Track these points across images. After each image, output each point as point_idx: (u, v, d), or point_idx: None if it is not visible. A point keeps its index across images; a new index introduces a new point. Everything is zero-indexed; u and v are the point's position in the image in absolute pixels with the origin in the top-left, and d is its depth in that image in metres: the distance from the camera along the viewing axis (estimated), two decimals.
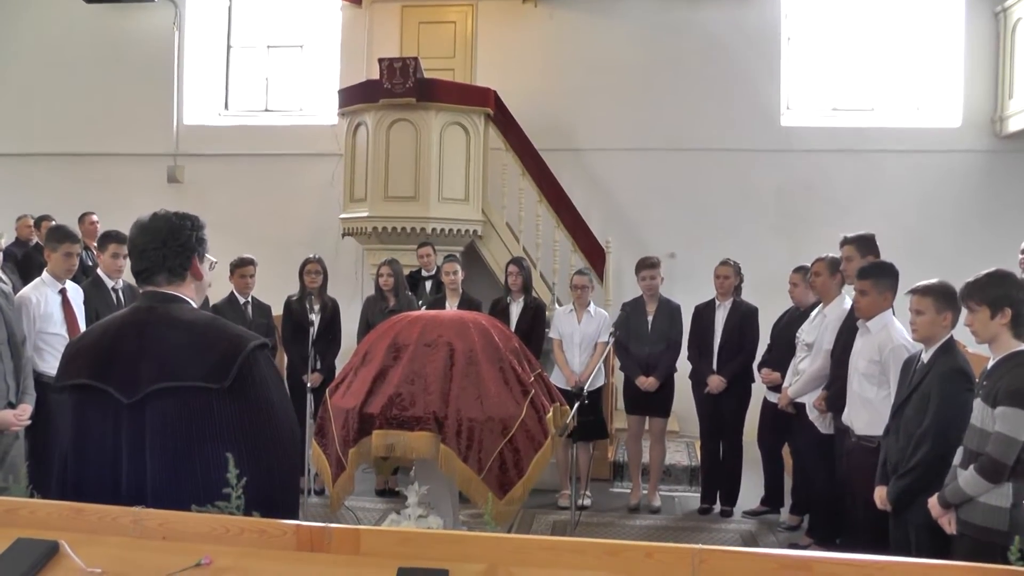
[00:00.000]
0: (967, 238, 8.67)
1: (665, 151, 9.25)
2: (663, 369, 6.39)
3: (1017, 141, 8.85)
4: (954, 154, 9.05)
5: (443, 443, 4.13)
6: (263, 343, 2.37)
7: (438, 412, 4.14)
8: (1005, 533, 3.17)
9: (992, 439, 3.22)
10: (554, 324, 6.71)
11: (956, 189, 9.03)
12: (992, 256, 7.56)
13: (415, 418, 4.14)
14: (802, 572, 1.91)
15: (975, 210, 8.94)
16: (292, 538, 2.04)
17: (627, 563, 1.98)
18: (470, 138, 8.23)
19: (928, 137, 9.09)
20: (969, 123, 9.07)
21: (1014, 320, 3.32)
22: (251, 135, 9.88)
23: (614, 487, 7.16)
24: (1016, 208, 8.70)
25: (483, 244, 8.48)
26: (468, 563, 1.99)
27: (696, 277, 8.15)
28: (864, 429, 4.40)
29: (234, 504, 2.12)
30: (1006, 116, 8.80)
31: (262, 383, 2.32)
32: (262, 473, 2.25)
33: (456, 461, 4.15)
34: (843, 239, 5.25)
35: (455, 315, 4.82)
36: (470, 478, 4.17)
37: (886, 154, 9.04)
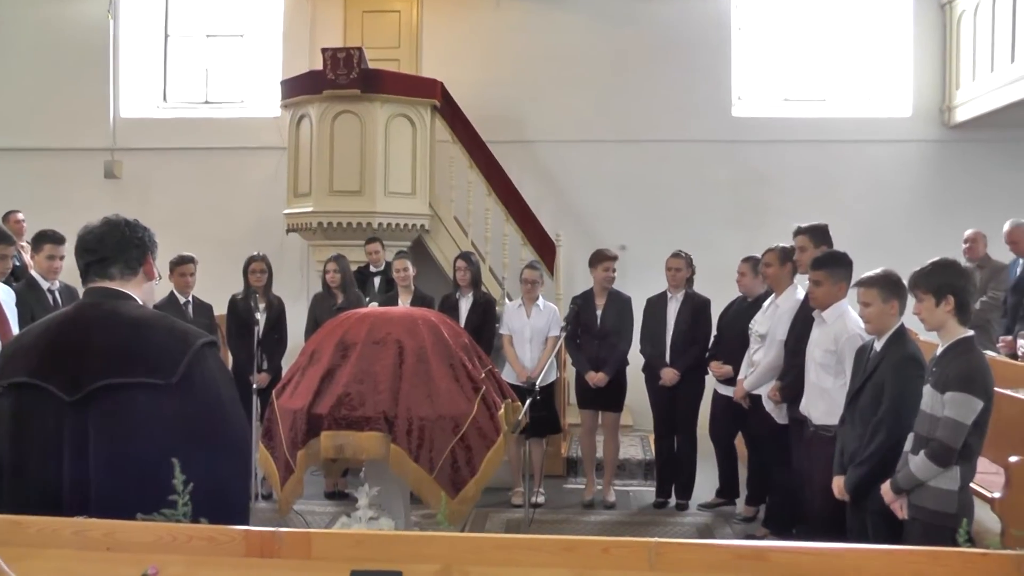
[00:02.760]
0: (918, 227, 8.88)
1: (616, 143, 9.33)
2: (613, 363, 6.44)
3: (965, 131, 9.09)
4: (904, 144, 9.28)
5: (394, 443, 4.11)
6: (212, 340, 2.36)
7: (388, 411, 4.12)
8: (954, 515, 3.32)
9: (941, 424, 3.34)
10: (504, 319, 6.72)
11: (907, 179, 9.26)
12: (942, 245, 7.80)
13: (364, 418, 4.12)
14: (758, 562, 1.96)
15: (926, 199, 9.18)
16: (241, 544, 2.03)
17: (584, 559, 2.02)
18: (416, 130, 8.21)
19: (879, 127, 9.31)
20: (919, 113, 9.31)
21: (958, 307, 3.44)
22: (191, 128, 9.73)
23: (568, 483, 7.21)
24: (964, 197, 8.94)
25: (431, 239, 8.47)
26: (422, 564, 2.01)
27: (648, 269, 8.18)
28: (822, 419, 4.50)
29: (181, 511, 2.10)
30: (954, 106, 9.06)
31: (211, 380, 2.31)
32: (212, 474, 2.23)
33: (407, 461, 4.14)
34: (796, 229, 5.35)
35: (404, 312, 4.81)
36: (422, 478, 4.16)
37: (838, 144, 9.23)
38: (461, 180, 8.51)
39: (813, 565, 1.95)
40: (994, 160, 9.02)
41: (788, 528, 5.47)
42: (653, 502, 6.64)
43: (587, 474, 6.79)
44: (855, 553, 1.97)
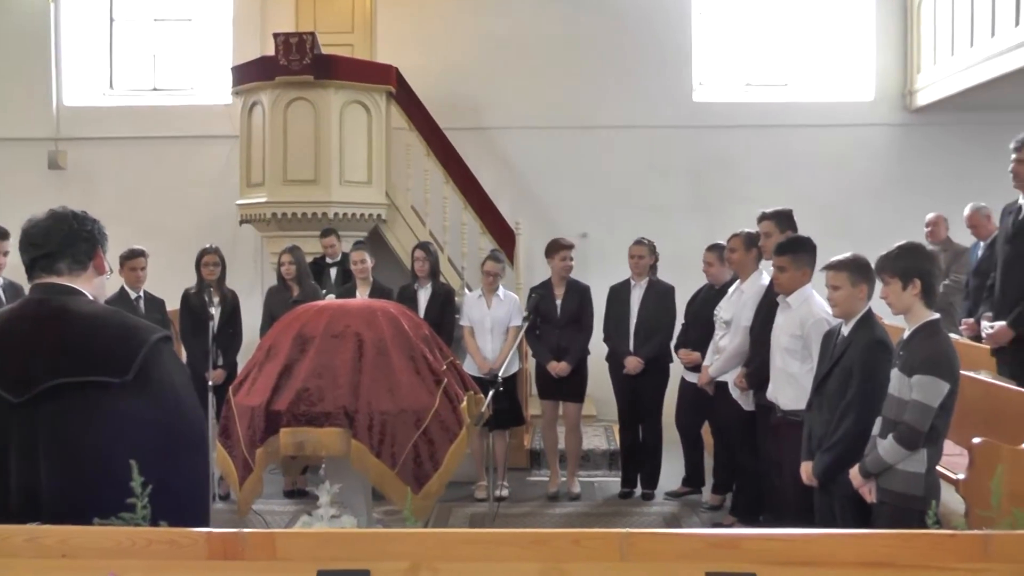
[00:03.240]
0: (881, 211, 9.03)
1: (576, 129, 9.34)
2: (575, 353, 6.47)
3: (927, 114, 9.24)
4: (867, 128, 9.42)
5: (354, 438, 4.10)
6: (166, 335, 2.32)
7: (348, 406, 4.11)
8: (921, 498, 3.41)
9: (909, 407, 3.42)
10: (464, 310, 6.72)
11: (869, 163, 9.40)
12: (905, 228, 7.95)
13: (324, 413, 4.10)
14: (731, 550, 1.98)
15: (888, 183, 9.32)
16: (204, 547, 2.01)
17: (555, 551, 2.02)
18: (372, 117, 8.15)
19: (841, 111, 9.42)
20: (881, 97, 9.44)
21: (925, 290, 3.52)
22: (139, 116, 9.54)
23: (532, 476, 7.23)
24: (926, 180, 9.10)
25: (388, 228, 8.43)
26: (390, 561, 2.00)
27: (609, 257, 8.27)
28: (790, 404, 4.57)
29: (140, 514, 2.07)
30: (915, 90, 9.22)
31: (167, 377, 2.28)
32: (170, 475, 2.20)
33: (369, 457, 4.13)
34: (761, 215, 5.42)
35: (363, 304, 4.79)
36: (384, 473, 4.15)
37: (800, 129, 9.33)
38: (418, 168, 8.48)
39: (785, 551, 1.98)
40: (955, 143, 9.18)
41: (755, 515, 5.55)
42: (618, 492, 6.69)
43: (551, 466, 6.82)
44: (827, 538, 2.00)
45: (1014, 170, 4.80)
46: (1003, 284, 4.88)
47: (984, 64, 7.66)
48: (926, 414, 3.37)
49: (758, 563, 1.95)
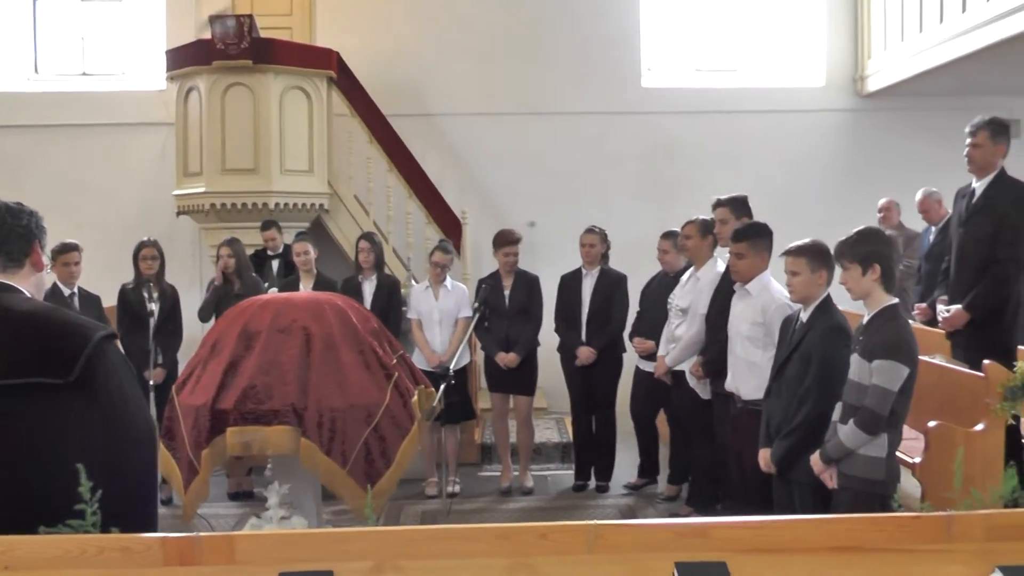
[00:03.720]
0: (833, 196, 9.21)
1: (522, 115, 9.34)
2: (524, 344, 6.50)
3: (877, 100, 9.45)
4: (818, 114, 9.58)
5: (304, 436, 4.07)
6: (111, 333, 2.28)
7: (297, 403, 4.08)
8: (882, 482, 3.52)
9: (869, 392, 3.51)
10: (411, 302, 6.71)
11: (821, 149, 9.58)
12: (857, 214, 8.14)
13: (272, 411, 4.06)
14: (700, 539, 2.02)
15: (840, 169, 9.52)
16: (159, 553, 1.98)
17: (521, 546, 2.04)
18: (312, 104, 8.08)
19: (792, 97, 9.57)
20: (832, 83, 9.62)
21: (884, 275, 3.62)
22: (66, 103, 9.29)
23: (483, 471, 7.25)
24: (878, 166, 9.30)
25: (330, 219, 8.37)
26: (353, 561, 2.00)
27: (557, 246, 8.33)
28: (752, 394, 4.62)
29: (89, 521, 2.03)
30: (866, 76, 9.41)
31: (113, 377, 2.23)
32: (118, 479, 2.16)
33: (319, 455, 4.10)
34: (716, 201, 5.48)
35: (309, 297, 4.75)
36: (334, 472, 4.13)
37: (751, 115, 9.46)
38: (361, 156, 8.40)
39: (754, 539, 2.03)
40: (906, 129, 9.39)
41: (712, 505, 5.65)
42: (572, 485, 6.74)
43: (503, 460, 6.85)
44: (796, 524, 2.06)
45: (969, 154, 4.94)
46: (957, 268, 5.03)
47: (933, 50, 7.85)
48: (886, 398, 3.46)
49: (727, 551, 1.99)
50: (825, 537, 2.03)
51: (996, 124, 4.88)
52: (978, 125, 4.91)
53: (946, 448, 4.06)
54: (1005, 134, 4.88)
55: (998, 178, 4.89)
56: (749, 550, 2.00)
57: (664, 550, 2.02)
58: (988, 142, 4.85)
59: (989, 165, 4.90)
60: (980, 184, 4.96)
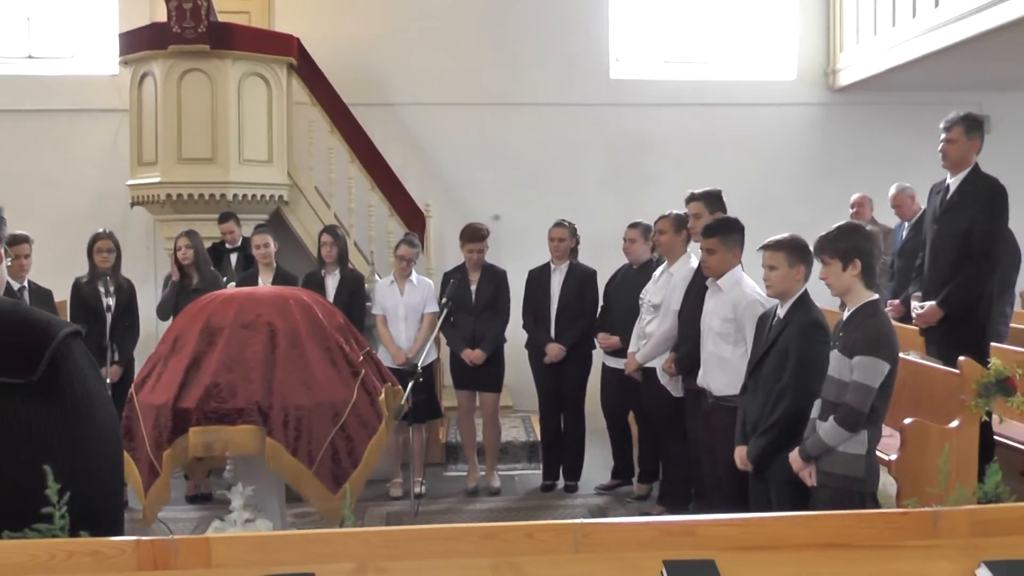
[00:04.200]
0: (804, 191, 9.35)
1: (488, 106, 9.35)
2: (490, 341, 6.52)
3: (849, 94, 9.59)
4: (789, 107, 9.70)
5: (269, 436, 4.06)
6: (76, 330, 2.25)
7: (262, 402, 4.07)
8: (862, 479, 3.60)
9: (850, 388, 3.58)
10: (375, 298, 6.71)
11: (792, 143, 9.70)
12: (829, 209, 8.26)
13: (237, 410, 4.05)
14: (687, 537, 2.06)
15: (812, 163, 9.65)
16: (132, 556, 1.97)
17: (506, 545, 2.06)
18: (272, 91, 8.02)
19: (763, 90, 9.69)
20: (803, 76, 9.74)
21: (864, 271, 3.69)
22: (12, 87, 9.09)
23: (448, 471, 7.28)
24: (850, 161, 9.45)
25: (290, 211, 8.31)
26: (335, 563, 2.01)
27: (523, 240, 8.36)
28: (723, 389, 4.70)
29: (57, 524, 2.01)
30: (838, 69, 9.55)
31: (78, 376, 2.20)
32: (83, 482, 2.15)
33: (284, 455, 4.09)
34: (689, 195, 5.54)
35: (274, 292, 4.73)
36: (300, 473, 4.13)
37: (721, 108, 9.55)
38: (322, 147, 8.36)
39: (742, 536, 2.07)
40: (878, 123, 9.56)
41: (684, 504, 5.71)
42: (540, 485, 6.78)
43: (469, 459, 6.87)
44: (783, 521, 2.09)
45: (943, 149, 5.04)
46: (931, 264, 5.14)
47: (906, 44, 8.00)
48: (867, 395, 3.53)
49: (715, 549, 2.03)
50: (812, 534, 2.07)
51: (970, 120, 4.99)
52: (952, 121, 5.02)
53: (922, 445, 4.14)
54: (979, 130, 5.00)
55: (972, 174, 5.01)
56: (737, 548, 2.04)
57: (652, 548, 2.05)
58: (962, 138, 4.96)
59: (963, 161, 5.01)
60: (954, 180, 5.07)
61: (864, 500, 3.50)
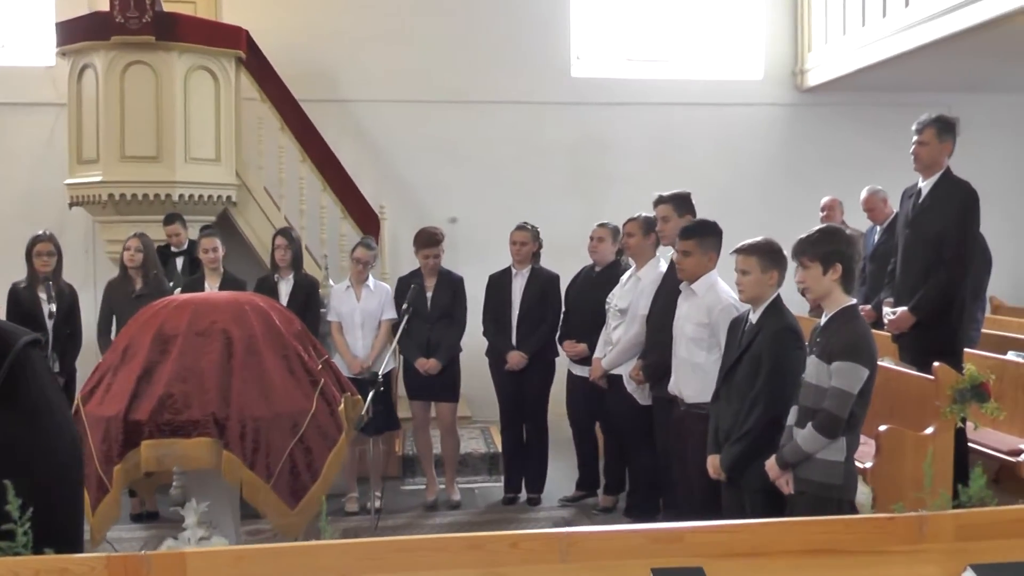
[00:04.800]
0: (772, 194, 9.54)
1: (445, 103, 9.39)
2: (446, 349, 6.54)
3: (817, 95, 9.78)
4: (756, 107, 9.88)
5: (226, 449, 4.07)
6: (35, 339, 2.27)
7: (218, 413, 4.08)
8: (840, 487, 3.69)
9: (828, 394, 3.67)
10: (331, 304, 6.71)
11: (759, 143, 9.88)
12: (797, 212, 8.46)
13: (192, 422, 4.05)
14: (675, 544, 2.14)
15: (779, 165, 9.84)
16: (103, 573, 1.99)
17: (491, 556, 2.12)
18: (220, 86, 7.98)
19: (729, 90, 9.85)
20: (771, 76, 9.93)
21: (844, 275, 3.79)
22: None
23: (405, 484, 7.29)
24: (818, 162, 9.65)
25: (238, 212, 8.28)
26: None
27: (481, 244, 8.42)
28: (695, 396, 4.78)
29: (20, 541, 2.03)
30: (806, 69, 9.74)
31: (37, 386, 2.22)
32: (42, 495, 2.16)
33: (242, 469, 4.10)
34: (658, 198, 5.62)
35: (229, 297, 4.73)
36: (258, 487, 4.13)
37: (686, 107, 9.69)
38: (271, 145, 8.34)
39: (730, 543, 2.15)
40: (847, 125, 9.77)
41: (652, 515, 5.80)
42: (502, 498, 6.81)
43: (427, 472, 6.88)
44: (771, 528, 2.19)
45: (914, 152, 5.19)
46: (903, 269, 5.28)
47: (876, 44, 8.20)
48: (846, 401, 3.63)
49: (704, 556, 2.11)
50: (800, 540, 2.16)
51: (943, 122, 5.13)
52: (924, 123, 5.15)
53: (897, 452, 4.27)
54: (951, 132, 5.14)
55: (944, 178, 5.15)
56: (726, 555, 2.13)
57: (639, 556, 2.12)
58: (935, 140, 5.10)
59: (935, 164, 5.16)
60: (926, 183, 5.21)
61: (842, 507, 3.60)
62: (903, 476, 4.24)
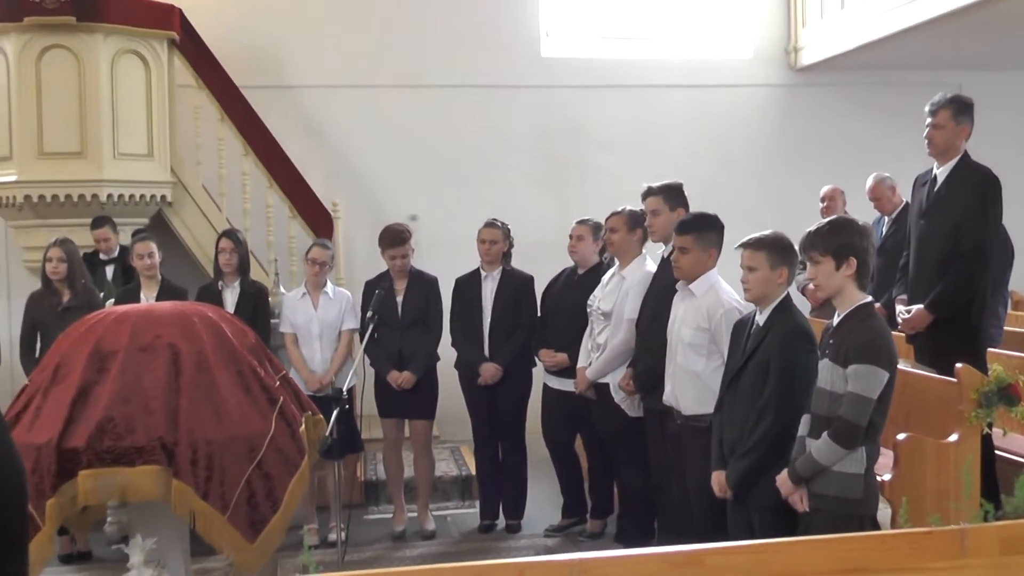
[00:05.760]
0: (763, 182, 9.66)
1: (400, 88, 9.40)
2: (422, 360, 6.53)
3: (813, 74, 9.88)
4: (745, 89, 9.96)
5: (175, 477, 4.06)
6: None
7: (166, 437, 4.07)
8: (861, 501, 3.73)
9: (845, 401, 3.72)
10: (284, 314, 6.69)
11: (748, 128, 9.95)
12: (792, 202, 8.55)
13: (136, 448, 4.04)
14: (694, 568, 2.17)
15: (771, 152, 9.93)
16: None
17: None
18: (151, 72, 7.92)
19: (715, 70, 9.92)
20: (761, 54, 10.00)
21: (859, 270, 3.83)
22: None
23: (369, 513, 7.30)
24: (814, 148, 9.77)
25: (174, 214, 8.23)
26: None
27: (446, 244, 8.46)
28: (694, 407, 4.83)
29: None
30: (800, 47, 9.82)
31: None
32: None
33: (194, 499, 4.09)
34: (647, 189, 5.65)
35: (174, 308, 4.70)
36: (212, 519, 4.13)
37: (668, 90, 9.75)
38: (210, 137, 8.31)
39: (753, 565, 2.18)
40: (846, 107, 9.88)
41: (646, 540, 5.83)
42: (478, 526, 6.84)
43: (395, 499, 6.88)
44: (798, 546, 2.22)
45: (928, 136, 5.25)
46: (917, 263, 5.34)
47: (877, 19, 8.26)
48: (865, 407, 3.67)
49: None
50: (831, 558, 2.20)
51: (959, 102, 5.19)
52: (939, 104, 5.21)
53: (918, 462, 4.33)
54: (968, 113, 5.20)
55: (961, 163, 5.22)
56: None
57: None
58: (950, 122, 5.17)
59: (951, 148, 5.23)
60: (942, 170, 5.28)
61: (864, 524, 3.64)
62: (924, 488, 4.29)
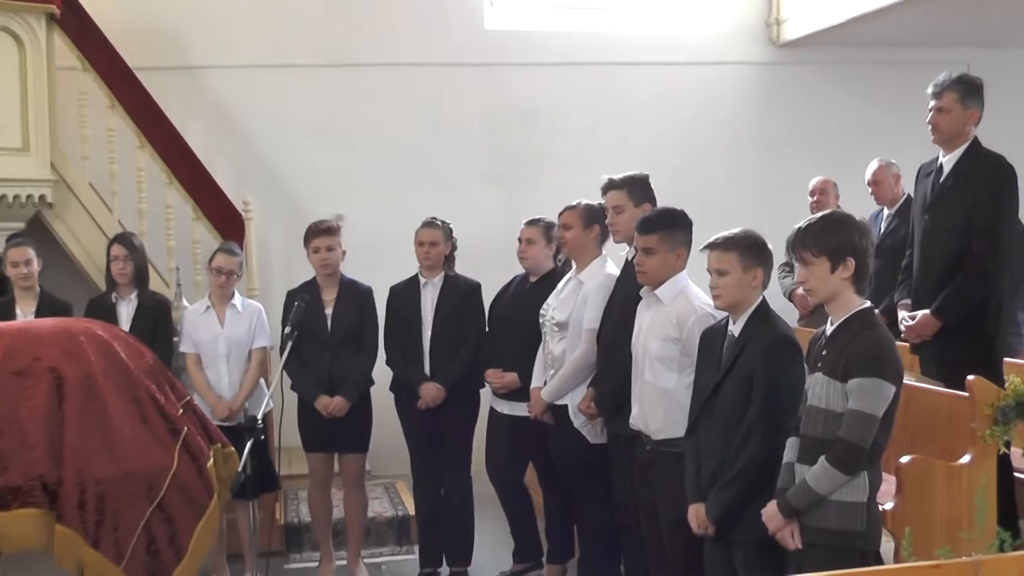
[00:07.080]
0: (742, 174, 9.78)
1: (322, 68, 9.43)
2: (355, 383, 6.51)
3: (797, 50, 10.01)
4: (721, 67, 10.07)
5: (59, 522, 4.11)
6: None
7: (47, 476, 4.11)
8: (863, 534, 3.73)
9: (846, 420, 3.72)
10: (185, 331, 6.65)
11: (725, 111, 10.06)
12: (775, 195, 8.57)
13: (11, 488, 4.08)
14: None
15: (749, 137, 10.03)
16: None
17: None
18: (25, 52, 7.80)
19: (686, 46, 10.01)
20: (739, 28, 10.12)
21: (857, 273, 3.84)
22: None
23: (291, 561, 7.28)
24: (798, 135, 9.90)
25: (56, 216, 8.12)
26: None
27: (378, 247, 8.47)
28: (665, 431, 4.81)
29: None
30: (783, 20, 9.95)
31: None
32: None
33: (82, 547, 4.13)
34: (608, 182, 5.64)
35: (56, 325, 4.72)
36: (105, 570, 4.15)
37: (632, 68, 9.84)
38: (98, 127, 8.21)
39: None
40: (834, 87, 10.03)
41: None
42: (418, 574, 6.79)
43: (322, 544, 6.85)
44: None
45: (932, 121, 5.30)
46: (923, 263, 5.39)
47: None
48: (869, 426, 3.67)
49: None
50: None
51: (966, 83, 5.24)
52: (943, 85, 5.26)
53: (925, 488, 4.34)
54: (978, 96, 5.26)
55: (970, 151, 5.28)
56: None
57: None
58: (957, 106, 5.22)
59: (959, 135, 5.28)
60: (948, 159, 5.34)
61: (867, 559, 3.64)
62: (933, 517, 4.31)
